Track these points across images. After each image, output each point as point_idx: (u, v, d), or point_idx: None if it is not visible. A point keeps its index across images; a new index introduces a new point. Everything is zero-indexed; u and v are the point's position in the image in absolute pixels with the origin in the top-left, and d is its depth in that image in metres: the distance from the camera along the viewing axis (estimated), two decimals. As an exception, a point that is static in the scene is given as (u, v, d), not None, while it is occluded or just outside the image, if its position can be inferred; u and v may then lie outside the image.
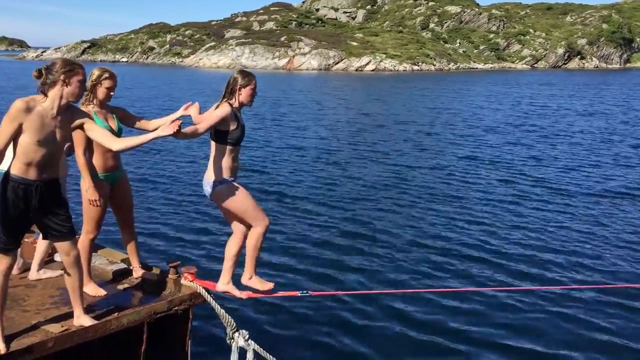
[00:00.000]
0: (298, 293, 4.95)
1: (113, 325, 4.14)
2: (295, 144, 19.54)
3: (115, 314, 4.24)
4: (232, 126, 4.36)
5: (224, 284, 4.75)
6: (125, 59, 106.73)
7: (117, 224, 5.06)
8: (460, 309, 7.30)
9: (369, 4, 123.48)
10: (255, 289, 4.74)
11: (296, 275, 8.18)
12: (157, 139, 3.80)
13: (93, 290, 4.59)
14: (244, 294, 4.76)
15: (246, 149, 16.93)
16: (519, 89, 50.65)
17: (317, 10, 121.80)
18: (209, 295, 4.67)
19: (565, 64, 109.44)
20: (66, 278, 4.03)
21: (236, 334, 4.58)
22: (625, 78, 72.69)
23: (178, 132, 3.72)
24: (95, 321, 4.07)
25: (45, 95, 3.74)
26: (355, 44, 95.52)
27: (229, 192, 4.42)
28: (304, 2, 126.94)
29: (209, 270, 7.52)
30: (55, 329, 3.96)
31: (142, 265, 5.09)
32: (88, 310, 4.19)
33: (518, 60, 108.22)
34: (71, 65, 3.81)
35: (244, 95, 4.44)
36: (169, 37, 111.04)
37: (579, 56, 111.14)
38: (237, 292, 4.76)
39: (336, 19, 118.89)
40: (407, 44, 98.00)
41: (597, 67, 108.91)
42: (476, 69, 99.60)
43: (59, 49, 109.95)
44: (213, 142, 4.43)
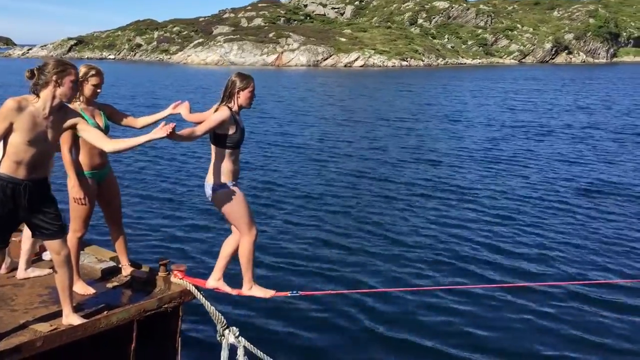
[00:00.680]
0: (288, 293, 4.95)
1: (102, 323, 4.11)
2: (278, 142, 19.42)
3: (105, 312, 4.21)
4: (232, 130, 4.33)
5: (215, 280, 4.76)
6: (112, 56, 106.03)
7: (106, 222, 5.04)
8: (449, 307, 7.34)
9: (357, 0, 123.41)
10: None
11: (286, 275, 8.17)
12: (151, 141, 3.77)
13: (82, 288, 4.57)
14: (235, 291, 4.77)
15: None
16: (504, 84, 50.78)
17: (306, 6, 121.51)
18: (199, 293, 4.66)
19: (553, 58, 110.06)
20: (56, 277, 4.00)
21: (227, 331, 4.57)
22: (611, 72, 73.23)
23: (173, 134, 3.69)
24: (85, 320, 4.05)
25: (37, 95, 3.72)
26: (343, 39, 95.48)
27: (227, 198, 4.42)
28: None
29: (199, 268, 7.52)
30: (43, 328, 3.93)
31: (132, 263, 5.06)
32: (77, 309, 4.16)
33: (506, 56, 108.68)
34: (63, 66, 3.79)
35: (242, 98, 4.41)
36: (156, 34, 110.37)
37: (566, 51, 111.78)
38: (228, 289, 4.77)
39: (324, 15, 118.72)
40: (396, 39, 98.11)
41: (584, 62, 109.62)
42: (464, 64, 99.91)
43: (45, 46, 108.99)
44: (213, 146, 4.41)
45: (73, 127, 3.91)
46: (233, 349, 4.55)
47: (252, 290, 4.76)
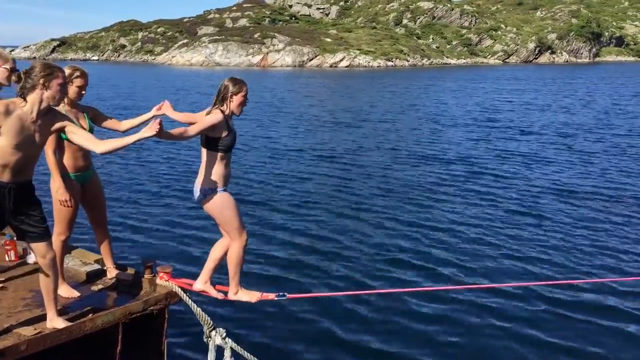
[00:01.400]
0: (275, 296, 4.93)
1: (87, 326, 4.09)
2: (260, 144, 19.27)
3: (90, 315, 4.19)
4: (224, 133, 4.33)
5: (202, 283, 4.75)
6: (96, 57, 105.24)
7: (90, 224, 5.00)
8: (433, 308, 7.38)
9: (342, 0, 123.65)
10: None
11: (273, 278, 8.13)
12: (141, 140, 3.77)
13: (66, 291, 4.54)
14: (221, 295, 4.76)
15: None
16: (486, 84, 51.01)
17: (291, 6, 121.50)
18: (184, 294, 4.65)
19: (536, 58, 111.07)
20: (41, 280, 3.98)
21: (213, 332, 4.58)
22: (593, 72, 74.00)
23: (161, 132, 3.68)
24: (69, 323, 4.03)
25: (24, 99, 3.70)
26: (329, 40, 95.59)
27: (217, 202, 4.41)
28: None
29: (185, 270, 7.48)
30: (28, 331, 3.91)
31: (117, 266, 5.05)
32: (62, 312, 4.14)
33: (490, 56, 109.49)
34: (50, 69, 3.78)
35: (235, 102, 4.40)
36: (140, 35, 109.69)
37: (549, 51, 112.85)
38: (214, 292, 4.76)
39: (310, 15, 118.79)
40: (381, 40, 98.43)
41: (567, 62, 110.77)
42: (449, 64, 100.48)
43: (27, 47, 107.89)
44: (204, 149, 4.40)
45: (61, 130, 3.89)
46: (220, 351, 4.55)
47: (239, 294, 4.76)
